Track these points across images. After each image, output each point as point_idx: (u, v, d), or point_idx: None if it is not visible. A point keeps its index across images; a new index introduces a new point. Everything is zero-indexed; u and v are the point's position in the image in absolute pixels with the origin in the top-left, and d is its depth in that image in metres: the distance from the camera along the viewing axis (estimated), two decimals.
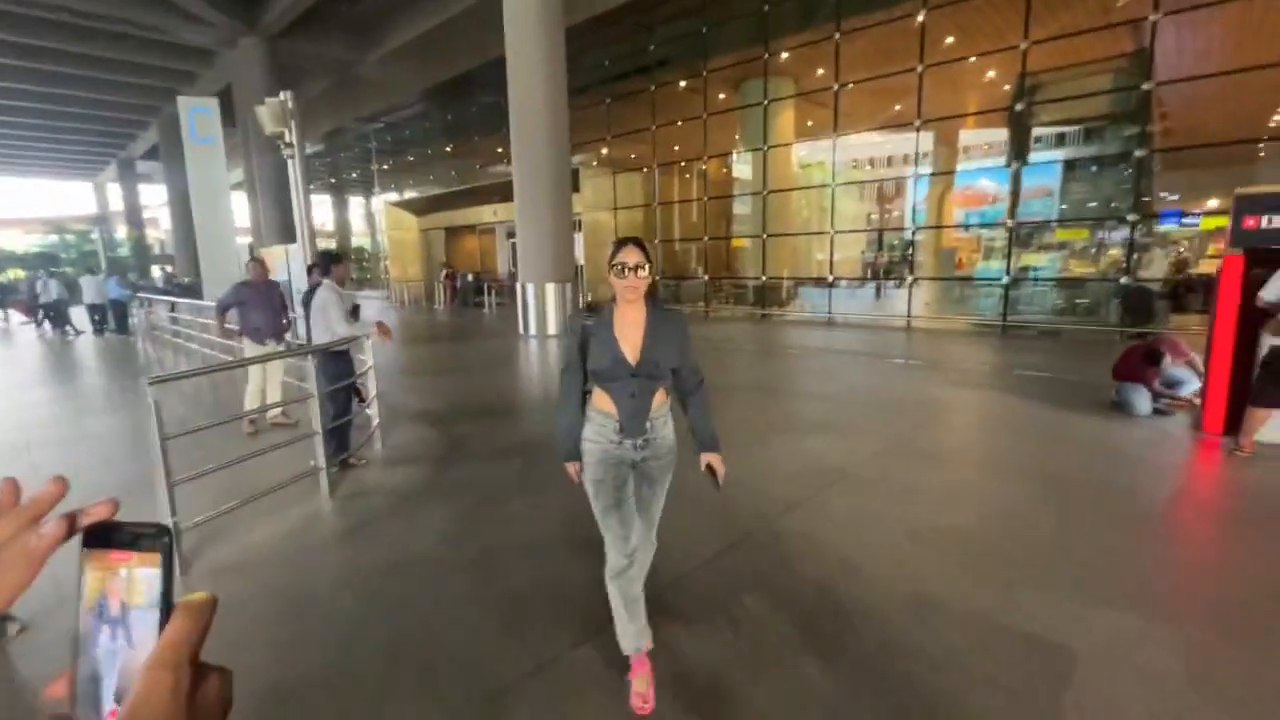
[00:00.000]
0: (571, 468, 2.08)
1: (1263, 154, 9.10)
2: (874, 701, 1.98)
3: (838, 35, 12.29)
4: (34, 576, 0.38)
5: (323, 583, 2.88)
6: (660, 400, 2.01)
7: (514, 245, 21.83)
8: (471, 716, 2.00)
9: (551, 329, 11.47)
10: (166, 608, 0.36)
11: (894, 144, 13.01)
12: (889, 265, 15.37)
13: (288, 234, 21.77)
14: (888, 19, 11.70)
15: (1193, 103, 9.90)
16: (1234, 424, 4.49)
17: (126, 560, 0.36)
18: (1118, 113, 10.29)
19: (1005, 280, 10.96)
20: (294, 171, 7.26)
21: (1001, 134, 11.47)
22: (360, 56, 22.95)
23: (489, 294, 18.92)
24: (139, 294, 13.61)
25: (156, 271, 36.16)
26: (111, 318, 14.27)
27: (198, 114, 14.28)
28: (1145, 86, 9.17)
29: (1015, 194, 10.88)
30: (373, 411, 4.89)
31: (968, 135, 13.13)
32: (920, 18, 11.26)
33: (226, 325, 5.47)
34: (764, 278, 14.50)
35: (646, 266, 1.91)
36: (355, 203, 30.66)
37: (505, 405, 6.51)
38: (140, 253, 43.17)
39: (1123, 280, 9.72)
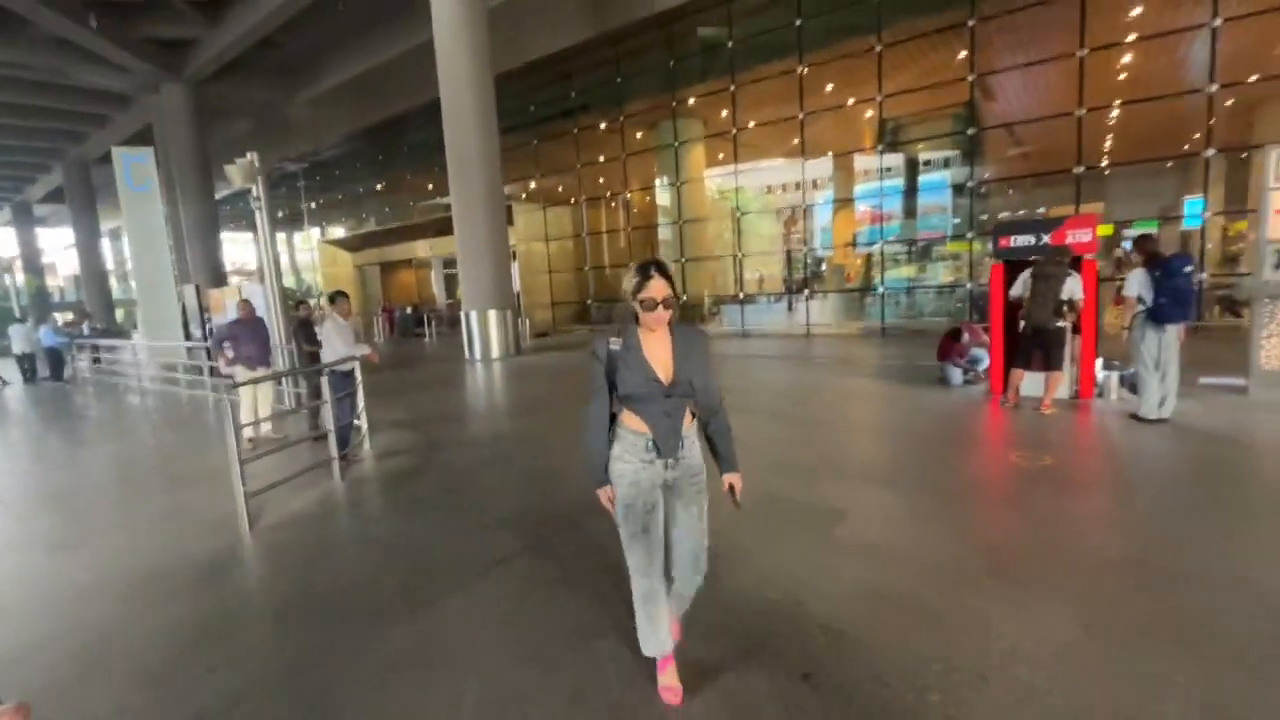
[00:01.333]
0: (604, 493, 2.05)
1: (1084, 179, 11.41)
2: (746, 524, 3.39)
3: (733, 86, 14.27)
4: None
5: (352, 528, 4.05)
6: (690, 420, 2.04)
7: (448, 277, 22.81)
8: (446, 589, 3.25)
9: (495, 352, 12.62)
10: None
11: (790, 175, 15.07)
12: (793, 282, 17.41)
13: (215, 273, 21.89)
14: (772, 73, 13.78)
15: (1028, 139, 12.35)
16: (1007, 384, 6.29)
17: None
18: (958, 150, 12.65)
19: (881, 290, 13.05)
20: (261, 220, 8.19)
21: (875, 165, 13.69)
22: (287, 99, 23.48)
23: (429, 324, 19.76)
24: (76, 340, 13.74)
25: (61, 319, 34.40)
26: (45, 366, 14.25)
27: (133, 162, 14.63)
28: (970, 131, 11.48)
29: (881, 218, 13.06)
30: (361, 420, 5.99)
31: (835, 172, 15.40)
32: (801, 70, 13.36)
33: (226, 356, 6.41)
34: (684, 297, 16.19)
35: (675, 299, 1.93)
36: (285, 240, 30.55)
37: (465, 413, 7.68)
38: (40, 300, 40.77)
39: (968, 285, 11.95)
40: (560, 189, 19.06)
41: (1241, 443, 4.58)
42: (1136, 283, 5.21)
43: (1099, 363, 6.08)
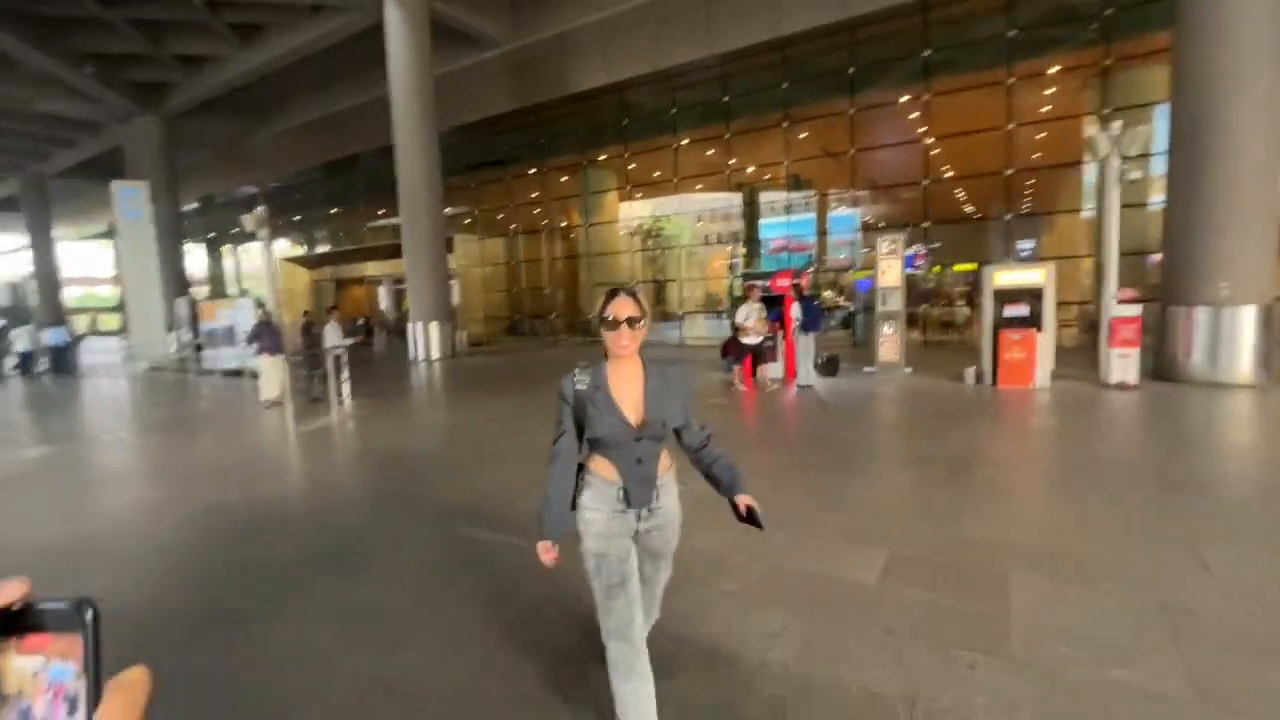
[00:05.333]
0: (544, 549, 1.80)
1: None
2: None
3: (626, 154, 18.49)
4: None
5: (348, 439, 7.72)
6: (666, 465, 1.87)
7: (397, 293, 26.03)
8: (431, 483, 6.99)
9: (435, 354, 16.14)
10: (96, 687, 0.32)
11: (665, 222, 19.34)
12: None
13: (180, 283, 24.43)
14: (658, 146, 18.04)
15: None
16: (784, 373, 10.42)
17: (44, 645, 0.32)
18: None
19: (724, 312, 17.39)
20: (267, 253, 11.63)
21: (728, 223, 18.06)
22: (251, 132, 26.38)
23: (377, 332, 23.00)
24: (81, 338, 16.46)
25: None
26: (47, 361, 16.82)
27: (129, 195, 17.50)
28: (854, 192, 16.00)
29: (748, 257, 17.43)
30: (345, 385, 9.57)
31: (698, 223, 19.80)
32: (682, 142, 17.66)
33: (257, 349, 9.81)
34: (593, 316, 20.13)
35: (641, 319, 1.79)
36: (245, 256, 32.92)
37: (413, 388, 11.32)
38: None
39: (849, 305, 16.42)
40: (493, 224, 22.81)
41: (845, 393, 8.77)
42: (796, 309, 9.42)
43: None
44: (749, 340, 9.17)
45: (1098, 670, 2.30)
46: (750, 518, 1.86)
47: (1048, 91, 13.90)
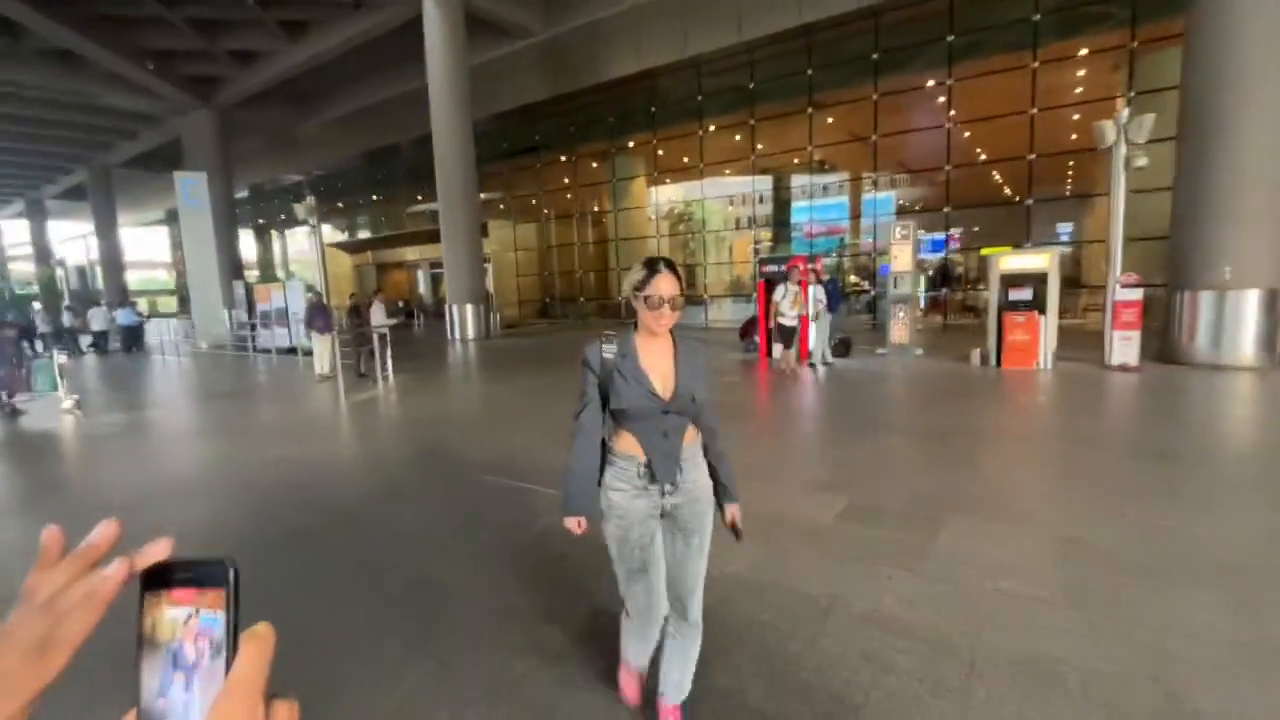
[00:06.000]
0: (573, 522, 1.81)
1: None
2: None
3: (654, 140, 18.93)
4: (97, 620, 0.37)
5: (392, 407, 8.54)
6: (691, 438, 1.83)
7: (434, 277, 27.09)
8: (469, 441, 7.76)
9: (471, 334, 17.00)
10: (233, 641, 0.36)
11: (693, 208, 19.74)
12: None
13: (234, 267, 25.91)
14: (685, 132, 18.43)
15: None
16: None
17: (189, 598, 0.36)
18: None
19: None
20: (317, 239, 12.56)
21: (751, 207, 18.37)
22: (299, 122, 27.62)
23: (417, 315, 24.11)
24: (148, 319, 17.85)
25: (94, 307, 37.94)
26: (119, 340, 18.31)
27: (189, 185, 18.77)
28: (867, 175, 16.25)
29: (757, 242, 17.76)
30: (388, 359, 10.43)
31: (727, 207, 20.11)
32: (709, 128, 18.03)
33: (313, 328, 10.73)
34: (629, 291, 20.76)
35: (682, 294, 1.74)
36: (291, 242, 34.51)
37: (450, 365, 12.16)
38: (50, 290, 44.00)
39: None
40: (526, 209, 23.56)
41: (852, 372, 9.22)
42: (817, 292, 9.85)
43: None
44: (787, 322, 8.99)
45: (990, 580, 2.85)
46: (733, 527, 1.91)
47: (1078, 74, 13.83)
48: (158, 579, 0.37)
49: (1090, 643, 2.37)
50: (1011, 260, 8.79)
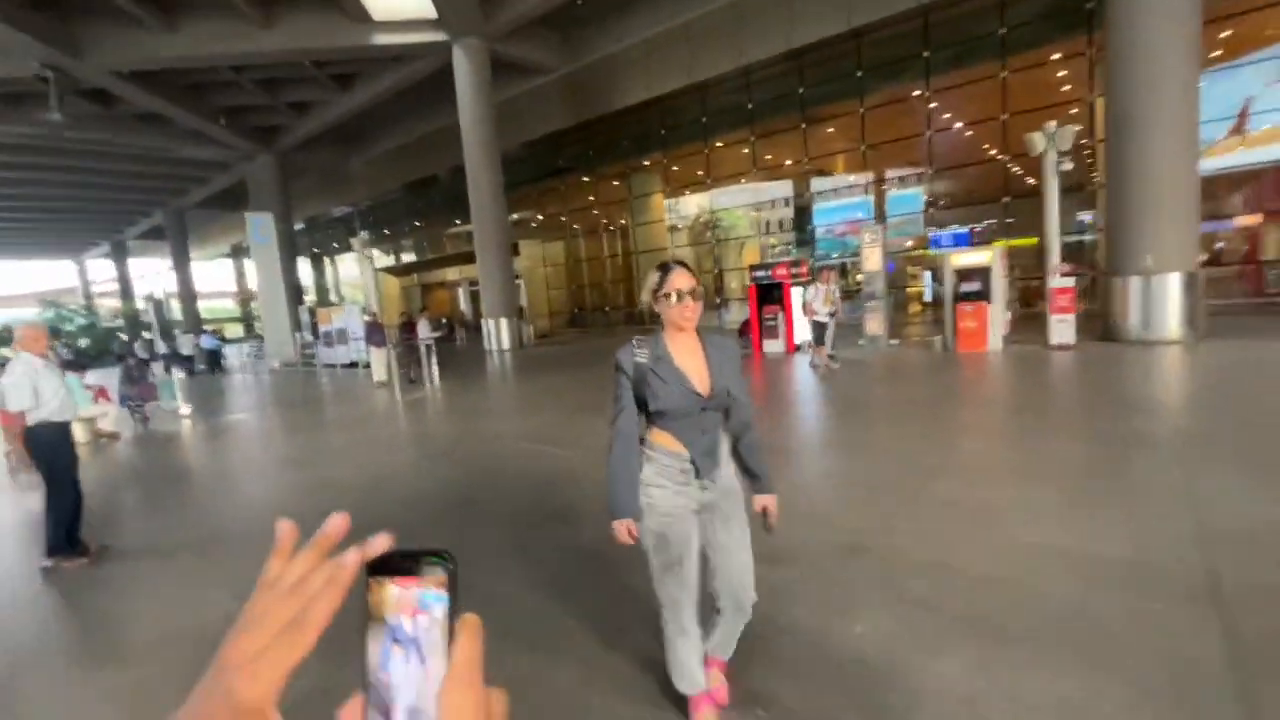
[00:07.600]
0: (623, 526, 1.82)
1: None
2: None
3: (664, 159, 20.58)
4: (340, 602, 0.40)
5: (439, 404, 10.37)
6: (723, 434, 1.91)
7: (474, 294, 29.27)
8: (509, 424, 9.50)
9: (506, 346, 18.89)
10: (450, 630, 0.38)
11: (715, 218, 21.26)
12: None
13: (295, 293, 28.60)
14: (693, 151, 20.02)
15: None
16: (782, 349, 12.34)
17: (413, 585, 0.38)
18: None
19: None
20: (369, 267, 14.60)
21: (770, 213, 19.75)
22: (348, 160, 30.39)
23: (458, 330, 26.29)
24: (227, 343, 20.41)
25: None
26: (203, 363, 20.95)
27: (259, 223, 21.34)
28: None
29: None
30: (434, 368, 12.30)
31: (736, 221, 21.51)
32: (706, 151, 19.58)
33: (370, 343, 12.71)
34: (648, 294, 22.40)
35: (698, 287, 1.81)
36: (343, 268, 37.52)
37: (487, 372, 14.01)
38: (133, 322, 48.53)
39: None
40: (554, 228, 25.53)
41: (855, 363, 10.59)
42: (811, 292, 11.24)
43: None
44: (821, 319, 9.51)
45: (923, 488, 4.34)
46: (764, 517, 1.94)
47: (1052, 76, 14.86)
48: (380, 567, 0.39)
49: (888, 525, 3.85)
50: (961, 257, 10.04)
